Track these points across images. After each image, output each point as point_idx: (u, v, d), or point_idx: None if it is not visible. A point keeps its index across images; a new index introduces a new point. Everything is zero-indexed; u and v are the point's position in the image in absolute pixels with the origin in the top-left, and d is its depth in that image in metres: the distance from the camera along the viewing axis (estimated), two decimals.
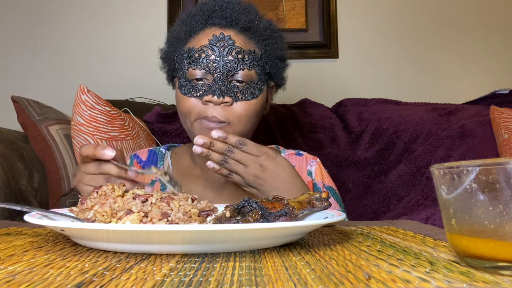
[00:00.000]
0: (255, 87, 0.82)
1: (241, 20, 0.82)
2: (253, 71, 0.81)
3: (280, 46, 0.89)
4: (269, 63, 0.86)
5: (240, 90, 0.80)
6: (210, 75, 0.80)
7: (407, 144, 1.41)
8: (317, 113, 1.50)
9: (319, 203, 0.52)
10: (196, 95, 0.80)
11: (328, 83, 1.81)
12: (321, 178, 0.93)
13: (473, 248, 0.31)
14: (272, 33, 0.87)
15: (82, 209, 0.47)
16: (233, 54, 0.80)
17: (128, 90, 1.69)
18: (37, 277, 0.29)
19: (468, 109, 1.49)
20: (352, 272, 0.31)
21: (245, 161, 0.70)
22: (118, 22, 1.82)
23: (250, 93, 0.81)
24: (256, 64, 0.82)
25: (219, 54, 0.79)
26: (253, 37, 0.84)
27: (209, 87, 0.79)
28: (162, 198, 0.47)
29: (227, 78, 0.79)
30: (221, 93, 0.78)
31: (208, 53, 0.80)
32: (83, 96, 1.19)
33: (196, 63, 0.80)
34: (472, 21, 1.88)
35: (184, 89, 0.82)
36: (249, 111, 0.81)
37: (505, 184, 0.29)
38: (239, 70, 0.80)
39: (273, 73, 0.89)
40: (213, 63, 0.79)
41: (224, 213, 0.46)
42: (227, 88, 0.79)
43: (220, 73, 0.79)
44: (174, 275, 0.30)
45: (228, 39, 0.80)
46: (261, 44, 0.85)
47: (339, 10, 1.83)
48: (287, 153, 0.98)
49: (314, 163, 0.96)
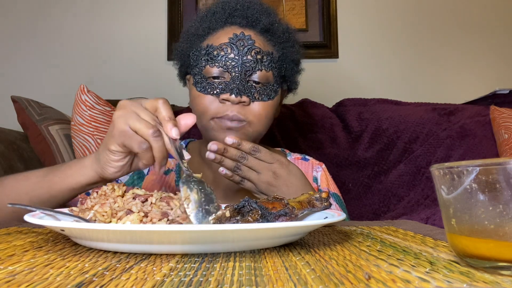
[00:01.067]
0: (271, 88, 0.82)
1: (262, 21, 0.82)
2: (270, 73, 0.81)
3: (297, 49, 0.89)
4: (285, 66, 0.86)
5: (257, 91, 0.80)
6: (227, 74, 0.79)
7: (407, 144, 1.41)
8: (317, 113, 1.50)
9: (319, 203, 0.52)
10: (213, 93, 0.79)
11: (328, 83, 1.81)
12: (326, 184, 0.93)
13: (473, 248, 0.31)
14: (290, 37, 0.87)
15: (82, 209, 0.47)
16: (252, 54, 0.80)
17: (128, 90, 1.69)
18: (37, 277, 0.29)
19: (468, 109, 1.49)
20: (352, 272, 0.31)
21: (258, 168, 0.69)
22: (118, 22, 1.82)
23: (266, 94, 0.81)
24: (274, 66, 0.82)
25: (239, 53, 0.79)
26: (272, 39, 0.84)
27: (227, 85, 0.78)
28: (162, 198, 0.47)
29: (245, 77, 0.79)
30: (239, 92, 0.77)
31: (227, 51, 0.79)
32: (83, 96, 1.19)
33: (215, 60, 0.80)
34: (472, 21, 1.88)
35: (200, 86, 0.81)
36: (267, 111, 0.82)
37: (505, 184, 0.29)
38: (257, 70, 0.80)
39: (288, 77, 0.89)
40: (232, 61, 0.79)
41: (224, 213, 0.46)
42: (244, 87, 0.78)
43: (239, 72, 0.79)
44: (174, 275, 0.30)
45: (248, 39, 0.80)
46: (279, 47, 0.85)
47: (339, 10, 1.83)
48: (293, 157, 0.97)
49: (320, 169, 0.95)
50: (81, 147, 1.17)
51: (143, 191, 0.48)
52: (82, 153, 1.17)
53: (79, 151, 1.17)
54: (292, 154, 0.99)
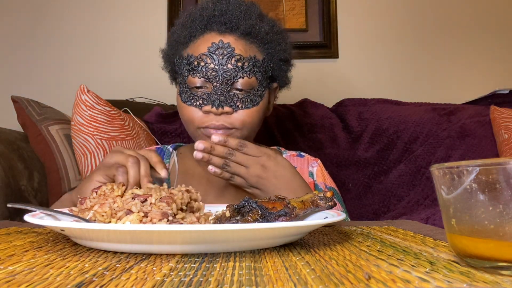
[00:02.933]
0: (255, 94, 0.81)
1: (241, 25, 0.81)
2: (253, 78, 0.80)
3: (283, 47, 0.87)
4: (271, 66, 0.85)
5: (240, 99, 0.79)
6: (209, 83, 0.79)
7: (407, 144, 1.41)
8: (317, 113, 1.50)
9: (323, 202, 0.52)
10: (196, 104, 0.80)
11: (328, 83, 1.81)
12: (322, 179, 0.93)
13: (473, 248, 0.31)
14: (275, 36, 0.85)
15: (81, 209, 0.47)
16: (233, 62, 0.79)
17: (128, 90, 1.69)
18: (37, 277, 0.29)
19: (468, 109, 1.49)
20: (352, 272, 0.31)
21: (247, 162, 0.71)
22: (118, 22, 1.82)
23: (250, 100, 0.80)
24: (257, 71, 0.81)
25: (218, 62, 0.78)
26: (254, 41, 0.83)
27: (209, 96, 0.79)
28: (161, 198, 0.47)
29: (226, 87, 0.78)
30: (220, 104, 0.78)
31: (207, 61, 0.79)
32: (83, 96, 1.19)
33: (196, 71, 0.79)
34: (472, 21, 1.88)
35: (184, 96, 0.81)
36: (251, 118, 0.81)
37: (505, 184, 0.29)
38: (238, 78, 0.79)
39: (276, 75, 0.88)
40: (212, 71, 0.78)
41: (224, 213, 0.46)
42: (226, 97, 0.78)
43: (220, 82, 0.78)
44: (174, 275, 0.30)
45: (228, 47, 0.79)
46: (263, 48, 0.84)
47: (339, 10, 1.83)
48: (288, 154, 0.98)
49: (315, 164, 0.96)
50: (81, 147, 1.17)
51: (142, 191, 0.48)
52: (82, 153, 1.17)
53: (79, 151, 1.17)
54: (288, 151, 1.00)
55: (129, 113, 1.34)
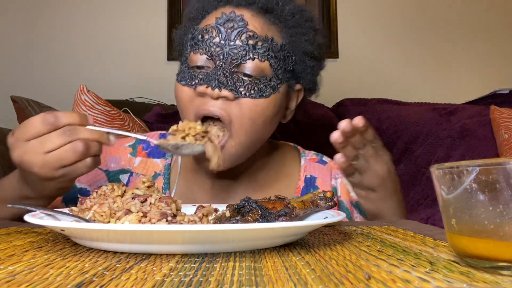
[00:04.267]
0: (266, 83, 0.66)
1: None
2: (266, 63, 0.65)
3: (311, 39, 0.72)
4: (293, 58, 0.70)
5: (244, 85, 0.64)
6: (212, 62, 0.66)
7: (407, 144, 1.41)
8: (317, 113, 1.50)
9: (323, 202, 0.52)
10: (191, 84, 0.66)
11: (328, 83, 1.81)
12: (347, 195, 0.80)
13: (473, 248, 0.31)
14: (302, 21, 0.71)
15: (81, 209, 0.47)
16: (243, 38, 0.65)
17: (128, 90, 1.69)
18: (37, 277, 0.29)
19: (468, 109, 1.49)
20: (352, 272, 0.31)
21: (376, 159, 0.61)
22: (118, 22, 1.82)
23: (258, 89, 0.65)
24: (273, 56, 0.66)
25: (225, 37, 0.65)
26: (276, 22, 0.69)
27: (207, 75, 0.65)
28: (161, 198, 0.47)
29: (230, 67, 0.64)
30: (218, 84, 0.63)
31: (212, 34, 0.65)
32: (83, 96, 1.19)
33: (198, 46, 0.66)
34: (472, 22, 1.88)
35: (181, 76, 0.68)
36: (255, 113, 0.65)
37: (505, 184, 0.29)
38: (247, 59, 0.64)
39: (299, 72, 0.73)
40: (216, 47, 0.65)
41: (224, 213, 0.46)
42: (228, 79, 0.64)
43: (223, 60, 0.64)
44: (174, 275, 0.30)
45: (240, 20, 0.65)
46: (285, 33, 0.69)
47: (339, 10, 1.83)
48: (308, 158, 0.85)
49: (340, 175, 0.82)
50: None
51: (142, 191, 0.48)
52: None
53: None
54: (307, 153, 0.86)
55: (129, 113, 1.34)
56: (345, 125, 0.56)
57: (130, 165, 0.81)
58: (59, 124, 0.50)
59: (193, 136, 0.57)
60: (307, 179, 0.82)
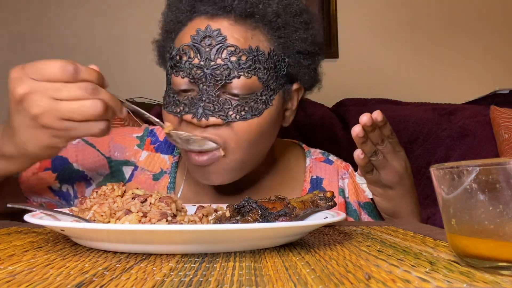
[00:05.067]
0: (257, 100, 0.61)
1: (238, 4, 0.60)
2: (254, 78, 0.60)
3: (302, 35, 0.66)
4: (286, 61, 0.65)
5: (233, 107, 0.60)
6: (195, 85, 0.61)
7: (407, 144, 1.41)
8: (317, 113, 1.50)
9: (323, 202, 0.52)
10: (176, 111, 0.62)
11: (328, 83, 1.81)
12: (355, 196, 0.77)
13: (473, 248, 0.31)
14: (289, 19, 0.65)
15: (81, 209, 0.47)
16: (224, 56, 0.59)
17: (128, 90, 1.69)
18: (37, 277, 0.29)
19: (468, 109, 1.49)
20: (352, 272, 0.31)
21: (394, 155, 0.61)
22: (118, 22, 1.82)
23: (249, 109, 0.60)
24: (260, 68, 0.61)
25: (204, 56, 0.59)
26: (259, 26, 0.62)
27: (192, 102, 0.60)
28: (161, 199, 0.47)
29: (215, 90, 0.59)
30: (203, 113, 0.58)
31: (190, 55, 0.60)
32: None
33: (178, 67, 0.61)
34: (472, 21, 1.88)
35: (166, 100, 0.64)
36: (250, 134, 0.61)
37: (505, 184, 0.29)
38: (232, 78, 0.59)
39: (295, 74, 0.68)
40: (197, 69, 0.60)
41: (224, 213, 0.46)
42: (214, 104, 0.59)
43: (206, 83, 0.59)
44: (174, 275, 0.30)
45: (217, 35, 0.59)
46: (272, 36, 0.63)
47: (339, 10, 1.83)
48: (313, 157, 0.82)
49: (346, 175, 0.80)
50: None
51: (142, 191, 0.48)
52: None
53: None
54: (312, 151, 0.83)
55: (129, 113, 1.34)
56: (366, 119, 0.55)
57: (136, 158, 0.77)
58: (78, 78, 0.49)
59: None
60: (313, 180, 0.79)
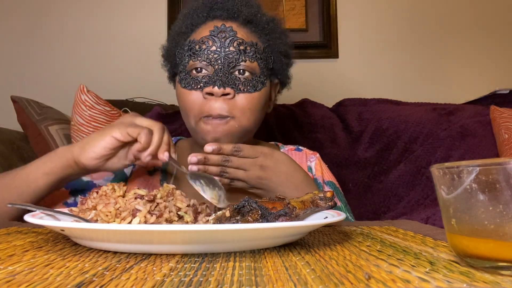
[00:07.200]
0: (257, 80, 0.80)
1: (244, 12, 0.81)
2: (255, 63, 0.80)
3: (284, 41, 0.87)
4: (272, 58, 0.85)
5: (242, 82, 0.78)
6: (211, 67, 0.79)
7: (407, 144, 1.41)
8: (317, 113, 1.50)
9: (323, 202, 0.52)
10: (197, 87, 0.78)
11: (328, 83, 1.81)
12: (321, 173, 0.93)
13: (473, 248, 0.31)
14: (275, 27, 0.86)
15: (82, 209, 0.47)
16: (235, 45, 0.79)
17: (128, 90, 1.69)
18: (37, 277, 0.29)
19: (468, 109, 1.49)
20: (352, 272, 0.31)
21: (244, 166, 0.71)
22: (118, 22, 1.82)
23: (252, 85, 0.79)
24: (259, 57, 0.81)
25: (220, 45, 0.78)
26: (256, 30, 0.83)
27: (210, 78, 0.77)
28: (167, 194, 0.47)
29: (228, 69, 0.78)
30: (222, 84, 0.76)
31: (209, 44, 0.79)
32: (83, 96, 1.19)
33: (197, 55, 0.79)
34: (472, 21, 1.88)
35: (185, 82, 0.80)
36: (252, 104, 0.79)
37: (505, 184, 0.29)
38: (241, 61, 0.78)
39: (277, 69, 0.87)
40: (214, 54, 0.78)
41: (224, 213, 0.46)
42: (228, 79, 0.77)
43: (221, 64, 0.78)
44: (174, 275, 0.30)
45: (230, 30, 0.79)
46: (264, 38, 0.84)
47: (339, 10, 1.83)
48: (286, 149, 0.98)
49: (314, 158, 0.95)
50: None
51: (144, 191, 0.48)
52: None
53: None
54: (285, 146, 0.99)
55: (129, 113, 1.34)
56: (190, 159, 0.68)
57: None
58: None
59: None
60: None
